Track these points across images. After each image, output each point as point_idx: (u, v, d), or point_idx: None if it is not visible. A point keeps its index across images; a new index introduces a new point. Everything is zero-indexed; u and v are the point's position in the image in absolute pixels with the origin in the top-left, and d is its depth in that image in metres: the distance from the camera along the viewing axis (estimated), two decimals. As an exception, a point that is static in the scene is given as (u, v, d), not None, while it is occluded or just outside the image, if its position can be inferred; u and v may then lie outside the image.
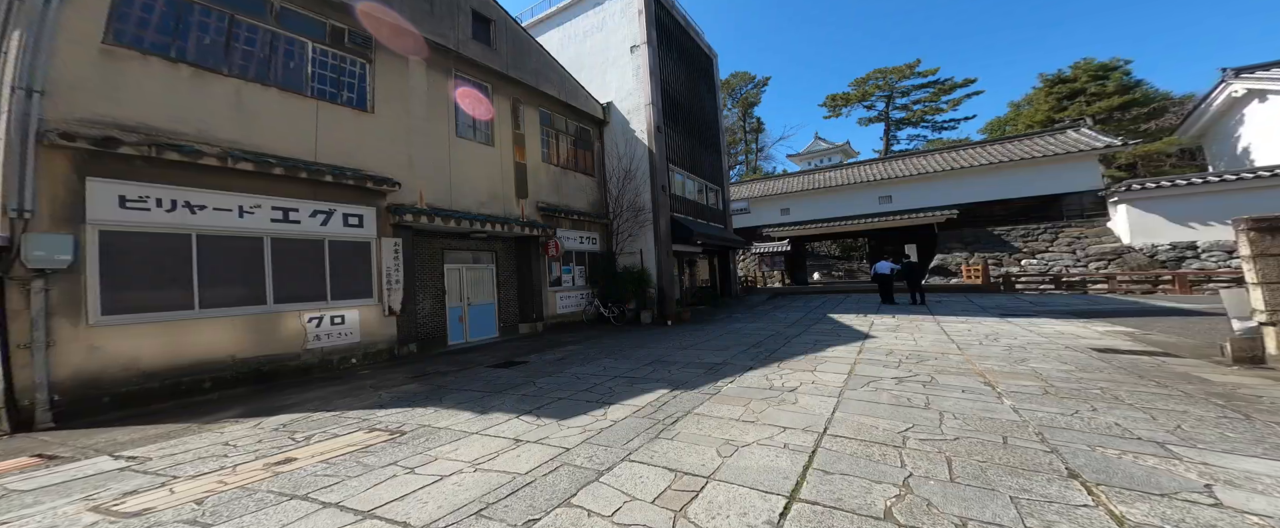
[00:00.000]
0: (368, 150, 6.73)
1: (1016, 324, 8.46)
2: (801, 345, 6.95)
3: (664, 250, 12.58)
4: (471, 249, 8.95)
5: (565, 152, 12.00)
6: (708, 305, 15.25)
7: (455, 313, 8.42)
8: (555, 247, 10.11)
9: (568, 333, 9.63)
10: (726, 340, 7.78)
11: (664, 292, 12.33)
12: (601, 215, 12.61)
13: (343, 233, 6.31)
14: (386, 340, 6.73)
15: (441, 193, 7.76)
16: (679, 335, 8.79)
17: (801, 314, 11.87)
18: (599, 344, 7.99)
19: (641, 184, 12.75)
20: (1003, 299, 13.62)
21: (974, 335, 7.31)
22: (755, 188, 27.17)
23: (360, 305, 6.43)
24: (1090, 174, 17.40)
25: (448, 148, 7.94)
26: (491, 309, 9.37)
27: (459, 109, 8.40)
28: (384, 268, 6.62)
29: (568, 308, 11.22)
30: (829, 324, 9.50)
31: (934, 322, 9.21)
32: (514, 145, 9.67)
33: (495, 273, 9.55)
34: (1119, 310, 9.93)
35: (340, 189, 6.28)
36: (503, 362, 6.43)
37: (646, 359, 6.25)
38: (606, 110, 13.47)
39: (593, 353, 7.00)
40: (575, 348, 7.62)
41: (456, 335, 8.40)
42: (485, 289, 9.28)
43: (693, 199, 16.00)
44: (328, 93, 6.42)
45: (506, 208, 9.40)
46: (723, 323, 10.77)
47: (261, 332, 5.51)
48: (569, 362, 6.30)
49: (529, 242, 10.03)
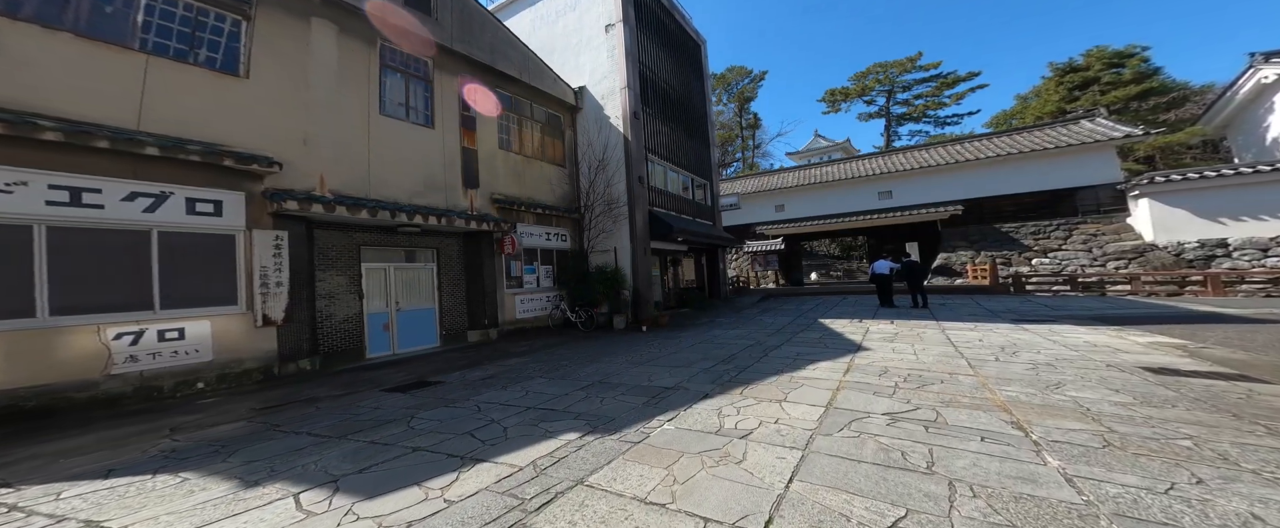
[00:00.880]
0: (234, 123, 5.45)
1: (1035, 332, 7.25)
2: (779, 361, 5.76)
3: (640, 248, 11.40)
4: (404, 246, 7.77)
5: (530, 139, 10.83)
6: (692, 308, 14.06)
7: (378, 320, 7.26)
8: (511, 244, 8.94)
9: (523, 341, 8.45)
10: (695, 353, 6.60)
11: (640, 294, 11.15)
12: (572, 210, 11.45)
13: (185, 223, 5.02)
14: (259, 357, 5.46)
15: (355, 179, 6.58)
16: (645, 345, 7.61)
17: (790, 319, 10.68)
18: (548, 357, 6.82)
19: (615, 174, 11.58)
20: (1013, 302, 12.39)
21: (987, 347, 6.11)
22: (749, 184, 25.96)
23: (215, 315, 5.14)
24: (1107, 166, 16.13)
25: (366, 128, 6.76)
26: (431, 315, 8.20)
27: (386, 84, 7.24)
28: (257, 267, 5.40)
29: (529, 312, 10.05)
30: (817, 331, 8.31)
31: (938, 329, 8.01)
32: (462, 129, 8.51)
33: (436, 274, 8.37)
34: (1151, 316, 8.70)
35: (179, 167, 4.93)
36: (411, 382, 5.25)
37: (587, 380, 5.07)
38: (579, 95, 12.30)
39: (531, 370, 5.83)
40: (517, 362, 6.44)
41: (380, 346, 7.25)
42: (422, 292, 8.11)
43: (676, 193, 14.82)
44: (170, 49, 5.13)
45: (451, 199, 8.24)
46: (702, 329, 9.58)
47: (27, 354, 4.14)
48: (493, 382, 5.12)
49: (480, 238, 8.86)
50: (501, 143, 9.74)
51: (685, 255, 16.03)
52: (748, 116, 46.96)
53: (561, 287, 11.06)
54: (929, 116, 40.21)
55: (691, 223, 15.10)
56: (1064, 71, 23.10)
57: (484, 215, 8.64)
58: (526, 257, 10.35)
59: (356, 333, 6.87)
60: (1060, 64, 23.14)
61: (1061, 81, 23.26)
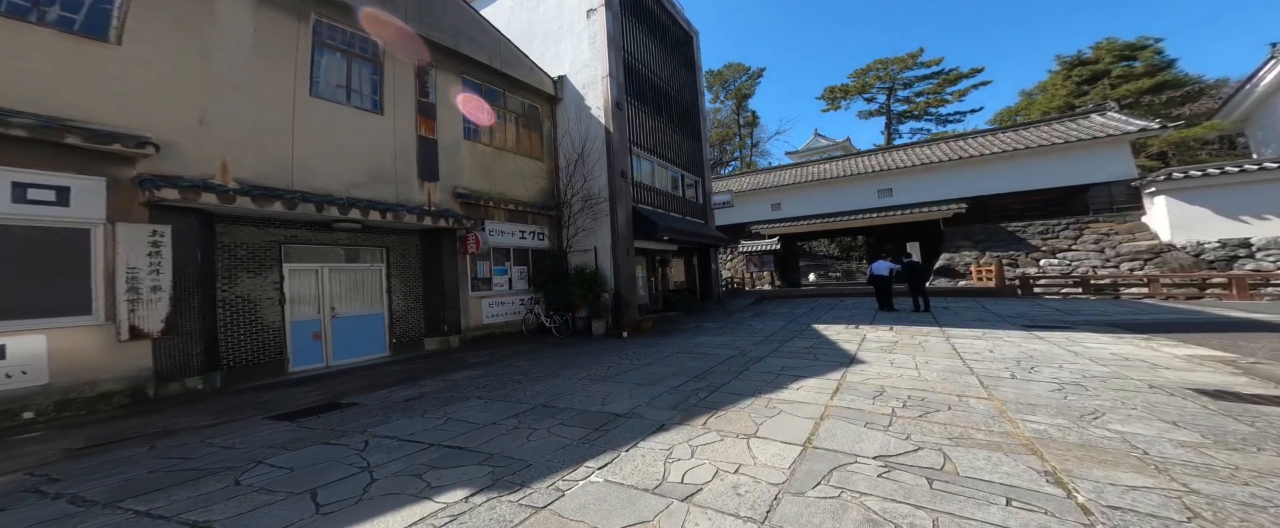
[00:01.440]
0: (96, 96, 4.60)
1: (1051, 341, 6.45)
2: (760, 377, 4.97)
3: (623, 247, 10.62)
4: (344, 244, 6.98)
5: (502, 130, 10.06)
6: (682, 312, 13.27)
7: (306, 329, 6.43)
8: (475, 242, 8.16)
9: (485, 350, 7.67)
10: (669, 366, 5.81)
11: (622, 297, 10.37)
12: (550, 207, 10.66)
13: (7, 213, 4.08)
14: (124, 378, 4.59)
15: (273, 167, 5.75)
16: (618, 355, 6.83)
17: (782, 324, 9.89)
18: (502, 370, 6.04)
19: (595, 168, 10.80)
20: (1022, 305, 11.58)
21: (999, 360, 5.31)
22: (744, 182, 25.17)
23: (56, 328, 4.24)
24: (1121, 162, 15.30)
25: (290, 109, 5.95)
26: (379, 321, 7.42)
27: (320, 63, 6.46)
28: (122, 269, 4.54)
29: (499, 317, 9.27)
30: (809, 339, 7.52)
31: (941, 336, 7.21)
32: (419, 117, 7.74)
33: (386, 275, 7.59)
34: (1178, 323, 7.89)
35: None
36: (316, 405, 4.43)
37: (530, 402, 4.29)
38: (558, 85, 11.54)
39: (473, 387, 5.05)
40: (464, 376, 5.66)
41: (310, 358, 6.42)
42: (367, 296, 7.33)
43: (665, 190, 14.04)
44: (3, 3, 4.23)
45: (403, 193, 7.46)
46: (686, 335, 8.80)
47: None
48: (415, 406, 4.34)
49: (441, 236, 8.08)
50: (468, 133, 8.97)
51: (674, 256, 15.25)
52: (746, 114, 46.20)
53: (537, 289, 10.28)
54: (931, 114, 39.43)
55: (681, 221, 14.32)
56: (1072, 65, 22.25)
57: (444, 211, 7.86)
58: (497, 257, 9.58)
59: (276, 344, 6.04)
60: (1068, 57, 22.31)
61: (1069, 75, 22.41)
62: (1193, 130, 17.01)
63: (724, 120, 46.65)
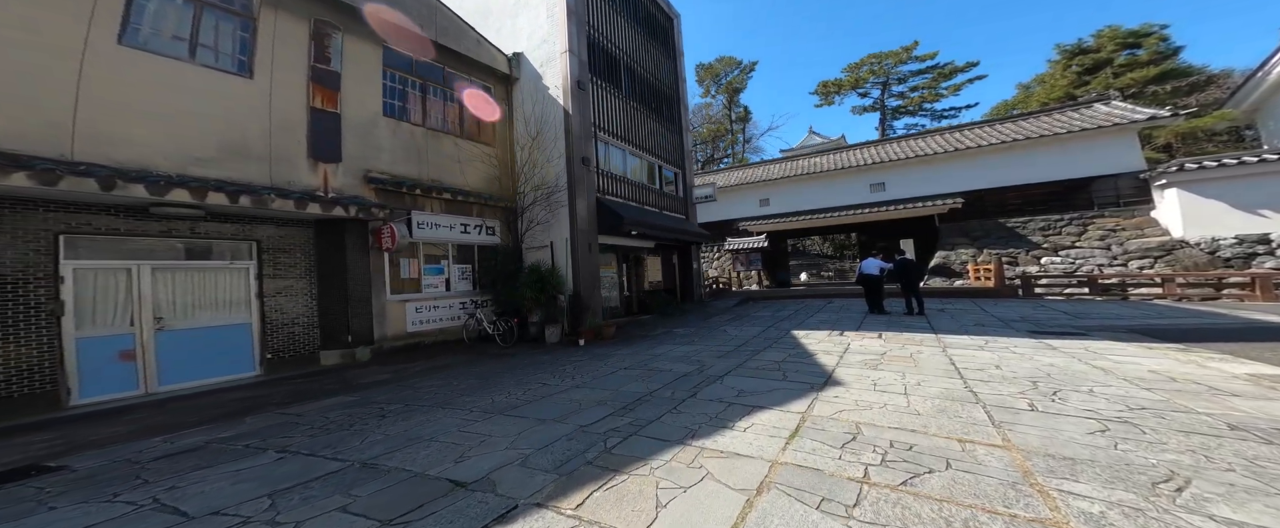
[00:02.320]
0: None
1: (1068, 352, 5.38)
2: (703, 409, 3.85)
3: (583, 243, 9.47)
4: (182, 236, 5.59)
5: (440, 110, 8.87)
6: (656, 314, 12.13)
7: (109, 346, 5.01)
8: (391, 235, 6.96)
9: (397, 364, 6.46)
10: (599, 390, 4.68)
11: (581, 299, 9.21)
12: (503, 198, 9.46)
13: None
14: None
15: (38, 129, 4.43)
16: (549, 373, 5.70)
17: (760, 329, 8.79)
18: (387, 396, 4.88)
19: (552, 154, 9.64)
20: (1024, 308, 10.54)
21: (1010, 380, 4.22)
22: (732, 176, 24.09)
23: None
24: (1128, 153, 14.32)
25: (78, 58, 4.64)
26: (243, 333, 6.04)
27: (143, 7, 5.08)
28: None
29: (432, 323, 8.07)
30: (783, 350, 6.40)
31: (937, 346, 6.13)
32: (313, 86, 6.51)
33: (254, 275, 6.22)
34: (1208, 329, 6.85)
35: None
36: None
37: (350, 458, 3.09)
38: (514, 63, 10.36)
39: (300, 429, 3.86)
40: (319, 407, 4.46)
41: (115, 385, 5.01)
42: (224, 301, 5.94)
43: (639, 182, 12.90)
44: None
45: (283, 174, 6.17)
46: (648, 344, 7.68)
47: None
48: (155, 472, 2.99)
49: (343, 227, 6.85)
50: (390, 110, 7.76)
51: (650, 254, 14.10)
52: (738, 110, 45.11)
53: (485, 291, 9.11)
54: (925, 110, 38.58)
55: (657, 216, 13.18)
56: (1072, 54, 21.29)
57: (349, 198, 6.64)
58: (430, 253, 8.39)
59: (45, 368, 4.56)
60: (1068, 46, 21.35)
61: (1069, 65, 21.46)
62: (1201, 121, 16.09)
63: (715, 116, 45.59)
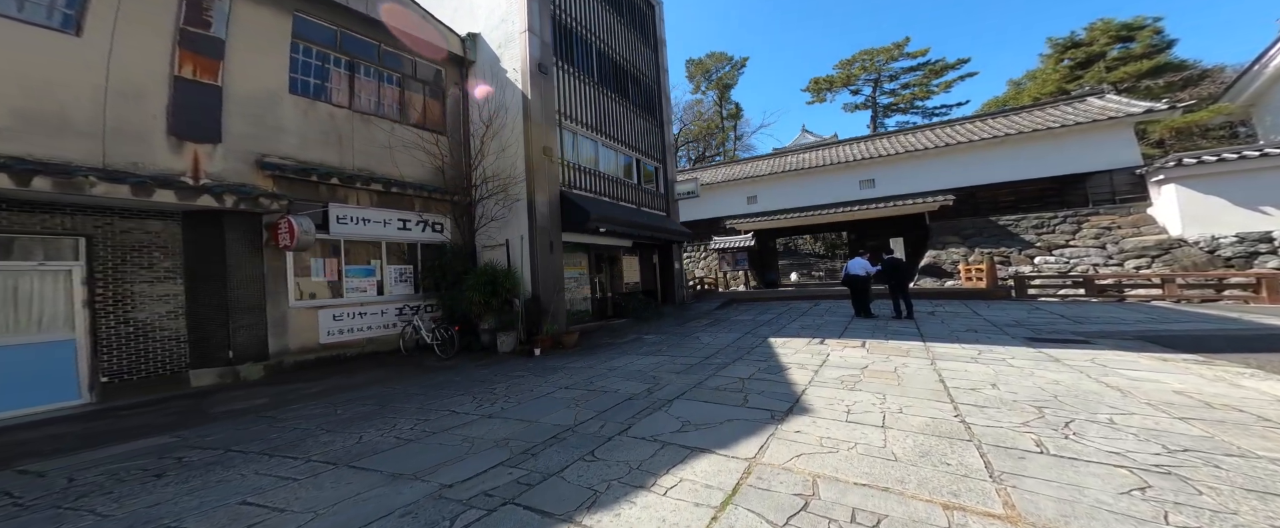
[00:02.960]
0: None
1: (1074, 365, 4.69)
2: (627, 452, 3.09)
3: (543, 241, 8.66)
4: None
5: (374, 91, 7.98)
6: (631, 318, 11.35)
7: None
8: (289, 231, 5.98)
9: (295, 383, 5.57)
10: (517, 420, 3.92)
11: (541, 303, 8.40)
12: (454, 191, 8.57)
13: None
14: None
15: None
16: (468, 394, 4.92)
17: (736, 336, 8.06)
18: (222, 435, 4.06)
19: (510, 142, 8.81)
20: (1019, 310, 9.93)
21: (1009, 404, 3.52)
22: (719, 173, 23.37)
23: None
24: (1123, 148, 13.80)
25: None
26: (63, 352, 5.00)
27: None
28: None
29: (357, 332, 7.16)
30: (753, 363, 5.66)
31: (925, 357, 5.43)
32: (181, 51, 5.49)
33: (81, 279, 5.15)
34: (1221, 335, 6.23)
35: None
36: None
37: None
38: (469, 44, 9.50)
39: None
40: (115, 451, 3.63)
41: None
42: (35, 313, 4.90)
43: (614, 176, 12.11)
44: None
45: (129, 153, 5.17)
46: (610, 354, 6.92)
47: None
48: None
49: (222, 220, 5.90)
50: (301, 87, 6.83)
51: (627, 253, 13.31)
52: (729, 106, 44.37)
53: (429, 294, 8.27)
54: (917, 107, 38.22)
55: (634, 213, 12.40)
56: (1064, 47, 20.83)
57: (226, 186, 5.65)
58: (357, 252, 7.49)
59: None
60: (1060, 39, 20.90)
61: (1061, 59, 20.99)
62: (1197, 115, 15.64)
63: (706, 112, 44.83)
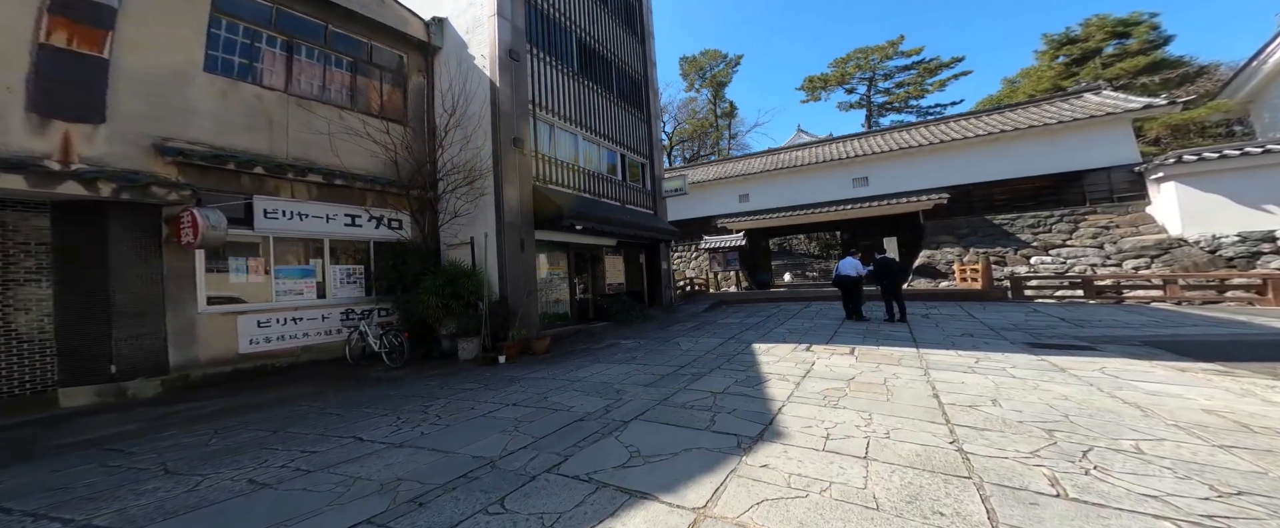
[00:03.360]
0: None
1: (1082, 376, 4.21)
2: (547, 499, 2.56)
3: (512, 239, 8.09)
4: None
5: (317, 74, 7.30)
6: (614, 321, 10.80)
7: None
8: (192, 225, 5.22)
9: (194, 401, 4.84)
10: (434, 451, 3.38)
11: (509, 305, 7.82)
12: (408, 184, 7.83)
13: None
14: None
15: None
16: (394, 414, 4.35)
17: (719, 342, 7.54)
18: (20, 481, 3.48)
19: (476, 134, 8.23)
20: (1016, 313, 9.49)
21: (1013, 425, 3.02)
22: (711, 171, 22.88)
23: None
24: (1121, 145, 13.44)
25: None
26: None
27: None
28: None
29: (289, 340, 6.48)
30: (730, 374, 5.14)
31: (918, 367, 4.93)
32: (47, 15, 4.71)
33: None
34: (1236, 340, 5.78)
35: None
36: None
37: None
38: (434, 29, 8.90)
39: None
40: None
41: None
42: None
43: (595, 171, 11.55)
44: None
45: None
46: (579, 363, 6.38)
47: None
48: None
49: (106, 212, 5.13)
50: (222, 66, 6.11)
51: (611, 252, 12.76)
52: (723, 104, 43.90)
53: (386, 297, 7.66)
54: (911, 106, 37.98)
55: (617, 210, 11.85)
56: (1060, 44, 20.52)
57: (107, 173, 4.84)
58: (296, 250, 6.82)
59: None
60: (1056, 35, 20.60)
61: (1057, 55, 20.69)
62: (1194, 112, 15.33)
63: (700, 110, 44.33)
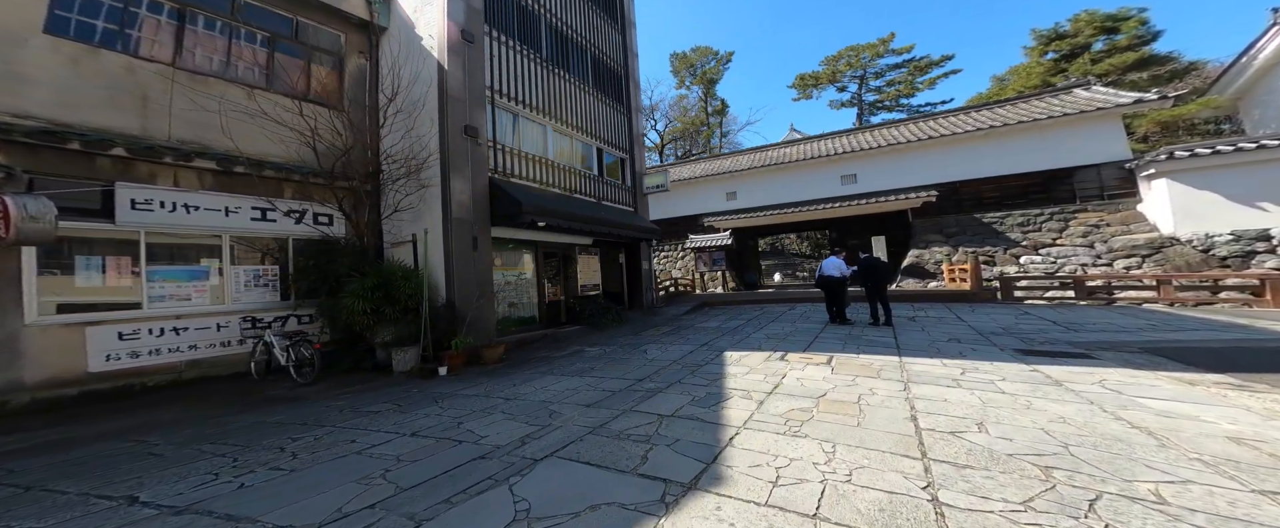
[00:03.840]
0: None
1: (1080, 390, 3.67)
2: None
3: (461, 236, 7.40)
4: None
5: (225, 51, 6.48)
6: (585, 325, 10.16)
7: None
8: (1, 215, 4.33)
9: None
10: (231, 517, 2.70)
11: (456, 310, 7.10)
12: (332, 174, 6.83)
13: None
14: None
15: None
16: (266, 449, 3.69)
17: (689, 350, 6.95)
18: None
19: (419, 121, 7.51)
20: (1005, 315, 9.02)
21: (1004, 463, 2.47)
22: (697, 168, 22.31)
23: None
24: (1111, 141, 13.08)
25: None
26: None
27: None
28: None
29: (165, 355, 5.64)
30: (688, 389, 4.54)
31: (899, 380, 4.37)
32: None
33: None
34: (1242, 348, 5.31)
35: None
36: None
37: None
38: (378, 7, 8.16)
39: None
40: None
41: None
42: None
43: (570, 166, 10.92)
44: None
45: None
46: (529, 375, 5.75)
47: None
48: None
49: None
50: (67, 28, 5.29)
51: (585, 251, 12.11)
52: (714, 102, 43.36)
53: (309, 302, 6.84)
54: (902, 105, 37.77)
55: (592, 206, 11.20)
56: (1049, 39, 20.26)
57: None
58: (181, 247, 5.98)
59: None
60: (1045, 30, 20.32)
61: (1045, 51, 20.41)
62: (1184, 108, 15.07)
63: (691, 108, 43.75)
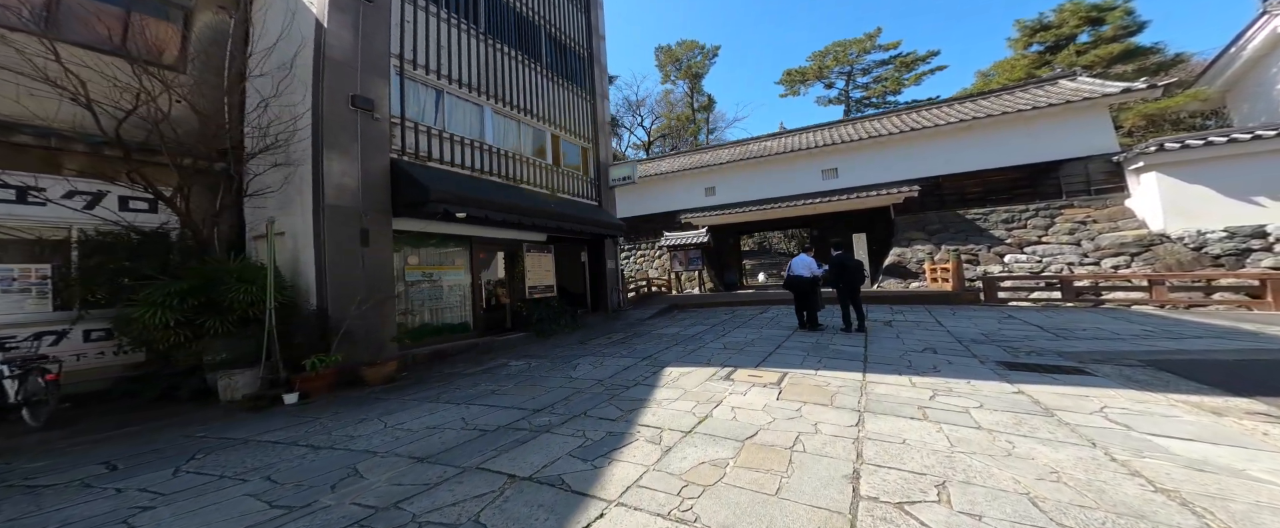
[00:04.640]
0: None
1: (1077, 425, 2.82)
2: None
3: (343, 228, 6.26)
4: None
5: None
6: (531, 332, 9.12)
7: None
8: None
9: None
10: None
11: (329, 320, 5.77)
12: (144, 146, 5.37)
13: None
14: None
15: None
16: None
17: (630, 363, 6.01)
18: None
19: (290, 88, 6.29)
20: (988, 319, 8.26)
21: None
22: (676, 162, 21.37)
23: None
24: (1099, 133, 12.46)
25: None
26: None
27: None
28: None
29: None
30: (593, 424, 3.60)
31: (854, 408, 3.48)
32: None
33: None
34: (1258, 360, 4.52)
35: None
36: None
37: None
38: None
39: None
40: None
41: None
42: None
43: (515, 152, 9.86)
44: None
45: None
46: (415, 400, 4.76)
47: None
48: None
49: None
50: None
51: (537, 249, 11.06)
52: (701, 97, 42.44)
53: (101, 310, 5.48)
54: (888, 102, 37.31)
55: (538, 199, 10.12)
56: (1033, 30, 19.74)
57: None
58: None
59: None
60: (1029, 21, 19.80)
61: (1030, 43, 19.90)
62: (1171, 100, 14.56)
63: (677, 104, 42.78)
